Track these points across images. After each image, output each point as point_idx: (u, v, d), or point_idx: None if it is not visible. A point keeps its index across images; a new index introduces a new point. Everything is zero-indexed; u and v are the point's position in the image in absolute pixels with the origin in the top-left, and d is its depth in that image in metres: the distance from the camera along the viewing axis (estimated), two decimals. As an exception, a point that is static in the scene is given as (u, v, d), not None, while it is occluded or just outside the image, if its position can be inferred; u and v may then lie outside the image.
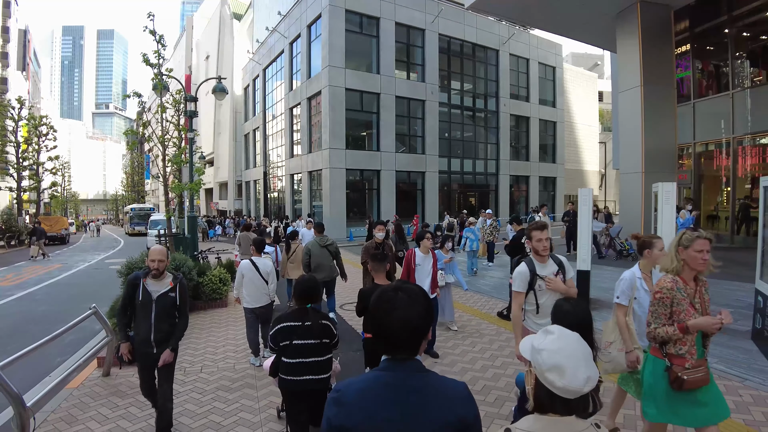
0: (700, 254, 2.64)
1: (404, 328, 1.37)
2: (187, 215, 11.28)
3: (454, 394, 1.38)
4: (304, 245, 7.71)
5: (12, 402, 3.32)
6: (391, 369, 1.39)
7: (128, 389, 4.95)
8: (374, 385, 1.37)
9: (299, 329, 3.10)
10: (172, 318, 3.73)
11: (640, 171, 15.17)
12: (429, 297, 1.49)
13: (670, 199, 6.51)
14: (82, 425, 4.13)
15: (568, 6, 16.29)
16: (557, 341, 1.38)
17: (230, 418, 4.23)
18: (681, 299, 2.65)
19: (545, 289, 3.51)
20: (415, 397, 1.34)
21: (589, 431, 1.38)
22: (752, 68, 15.97)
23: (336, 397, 1.38)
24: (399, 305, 1.38)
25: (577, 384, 1.30)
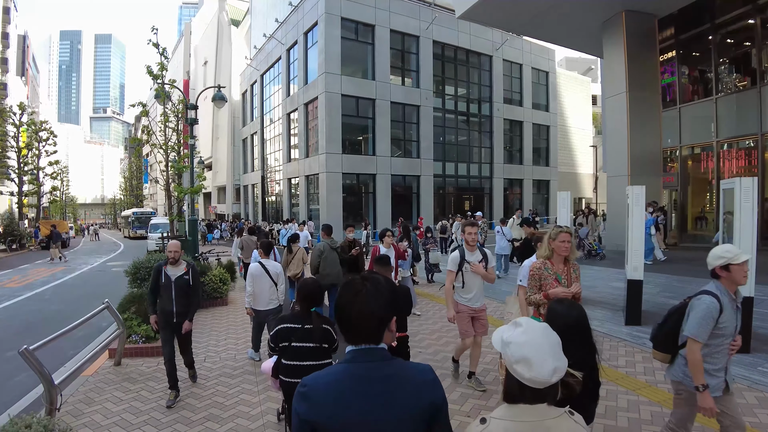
0: (563, 244, 3.62)
1: (368, 317, 1.38)
2: (187, 219, 11.73)
3: (421, 379, 1.40)
4: (315, 248, 7.48)
5: (43, 380, 3.79)
6: (358, 360, 1.39)
7: (138, 376, 5.42)
8: (342, 377, 1.37)
9: (299, 331, 3.08)
10: (188, 295, 4.84)
11: (626, 174, 15.67)
12: (395, 288, 1.55)
13: (640, 201, 7.02)
14: (100, 406, 4.61)
15: (556, 15, 16.79)
16: (524, 334, 1.42)
17: (232, 399, 4.71)
18: (547, 276, 3.64)
19: (470, 271, 4.60)
20: (384, 386, 1.35)
21: (562, 418, 1.43)
22: (735, 74, 16.46)
23: (304, 391, 1.37)
24: (364, 295, 1.40)
25: (545, 375, 1.36)
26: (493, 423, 1.41)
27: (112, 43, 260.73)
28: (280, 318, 3.24)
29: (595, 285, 9.93)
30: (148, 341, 6.31)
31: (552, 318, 2.20)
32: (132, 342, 6.22)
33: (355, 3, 24.89)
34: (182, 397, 4.76)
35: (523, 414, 1.41)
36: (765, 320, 6.74)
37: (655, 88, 16.57)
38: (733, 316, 2.73)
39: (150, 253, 10.29)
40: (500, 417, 1.42)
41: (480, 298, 4.79)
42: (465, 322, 4.71)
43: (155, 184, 56.47)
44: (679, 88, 18.14)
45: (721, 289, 2.73)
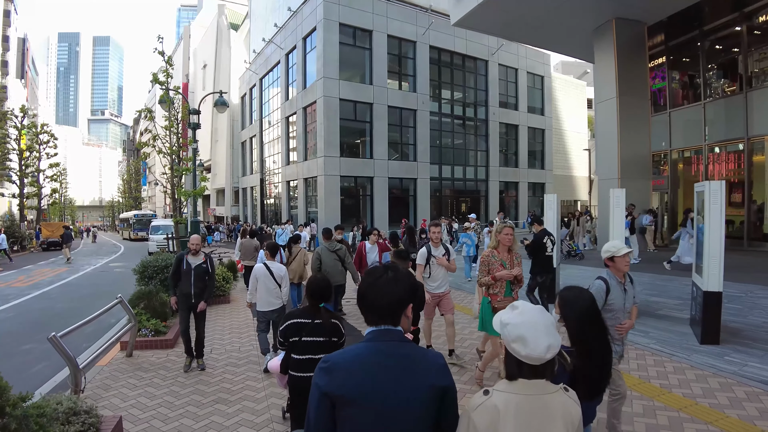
0: (506, 236, 4.74)
1: (389, 299, 1.54)
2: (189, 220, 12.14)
3: (434, 362, 1.54)
4: (315, 251, 7.72)
5: (69, 364, 4.19)
6: (378, 339, 1.53)
7: (149, 366, 5.82)
8: (363, 353, 1.50)
9: (309, 326, 3.14)
10: (204, 280, 5.78)
11: (617, 177, 16.10)
12: (413, 277, 1.69)
13: (620, 204, 7.44)
14: (116, 391, 5.01)
15: (548, 22, 17.24)
16: (520, 315, 1.55)
17: (238, 385, 5.12)
18: (494, 262, 4.70)
19: (435, 264, 5.58)
20: (402, 362, 1.48)
21: (558, 393, 1.55)
22: (722, 80, 16.89)
23: (326, 366, 1.48)
24: (386, 279, 1.57)
25: (539, 351, 1.47)
26: (495, 394, 1.52)
27: (110, 45, 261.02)
28: (289, 314, 3.29)
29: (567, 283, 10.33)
30: (157, 335, 6.71)
31: (564, 305, 2.35)
32: (142, 335, 6.61)
33: (352, 9, 25.36)
34: (192, 383, 5.17)
35: (523, 388, 1.51)
36: (736, 315, 7.18)
37: (645, 93, 17.00)
38: (621, 295, 3.50)
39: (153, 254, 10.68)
40: (501, 390, 1.53)
41: (444, 284, 5.72)
42: (430, 308, 5.70)
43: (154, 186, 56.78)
44: (670, 93, 18.60)
45: (610, 275, 3.52)
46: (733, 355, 5.53)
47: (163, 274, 8.36)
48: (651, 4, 15.45)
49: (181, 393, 4.92)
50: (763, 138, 14.92)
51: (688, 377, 4.94)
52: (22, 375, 5.73)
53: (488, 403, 1.49)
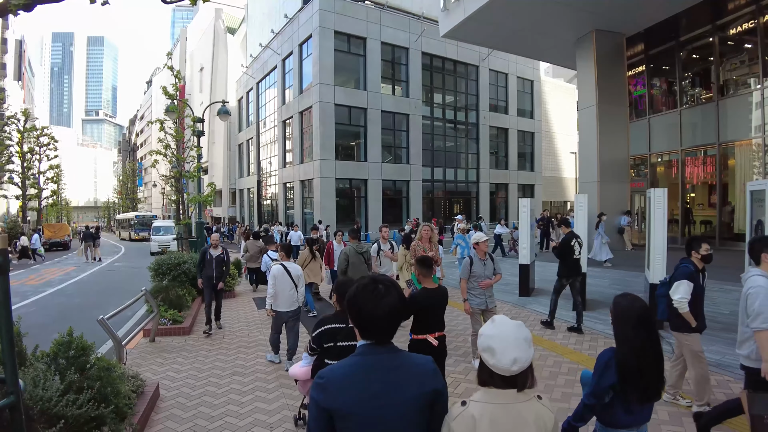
0: (425, 232, 6.92)
1: (390, 315, 1.58)
2: (194, 222, 13.08)
3: (425, 368, 1.61)
4: (342, 252, 7.59)
5: (114, 340, 5.11)
6: (370, 353, 1.59)
7: (171, 349, 6.73)
8: (357, 369, 1.55)
9: (344, 331, 3.08)
10: (221, 267, 7.78)
11: (596, 180, 17.09)
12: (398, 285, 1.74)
13: (584, 207, 8.38)
14: (146, 368, 5.91)
15: (532, 34, 18.22)
16: (494, 328, 1.63)
17: (250, 362, 6.05)
18: (419, 249, 6.75)
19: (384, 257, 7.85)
20: (394, 374, 1.54)
21: (530, 403, 1.61)
22: (697, 88, 17.79)
23: (321, 383, 1.53)
24: (383, 295, 1.59)
25: (505, 363, 1.54)
26: (472, 405, 1.59)
27: (104, 45, 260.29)
28: (323, 319, 3.24)
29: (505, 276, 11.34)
30: (175, 323, 7.61)
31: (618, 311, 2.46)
32: (162, 324, 7.49)
33: (347, 17, 26.29)
34: (210, 361, 6.10)
35: (497, 397, 1.59)
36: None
37: (623, 101, 17.99)
38: (482, 267, 5.61)
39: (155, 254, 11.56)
40: (477, 400, 1.61)
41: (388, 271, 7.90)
42: None
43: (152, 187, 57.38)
44: (649, 100, 19.54)
45: (474, 254, 5.70)
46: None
47: (177, 271, 9.27)
48: (628, 17, 16.43)
49: (203, 368, 5.83)
50: (734, 144, 15.81)
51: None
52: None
53: (465, 413, 1.57)
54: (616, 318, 2.45)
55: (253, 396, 4.92)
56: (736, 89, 15.80)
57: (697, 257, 4.37)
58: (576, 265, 7.31)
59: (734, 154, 16.02)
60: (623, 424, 2.42)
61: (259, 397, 4.90)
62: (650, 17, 16.40)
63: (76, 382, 3.24)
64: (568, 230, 7.68)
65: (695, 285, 4.19)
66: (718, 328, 6.79)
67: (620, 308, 2.44)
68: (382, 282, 1.63)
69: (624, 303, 2.45)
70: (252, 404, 4.71)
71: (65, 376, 3.22)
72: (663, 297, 4.44)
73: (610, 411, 2.42)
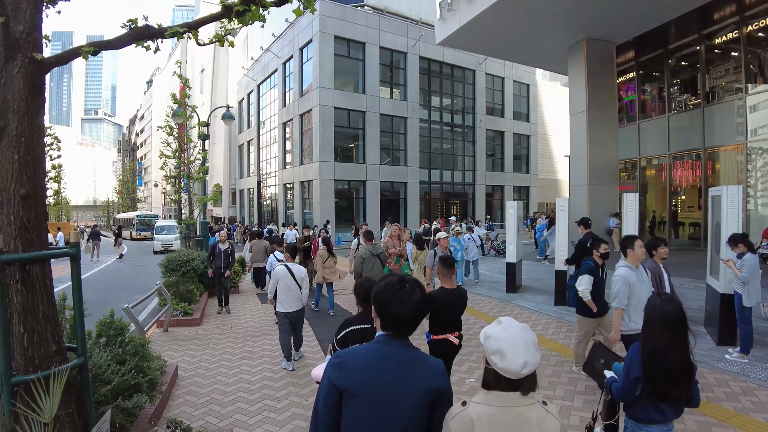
0: (394, 231, 8.37)
1: (415, 313, 1.69)
2: (200, 222, 13.72)
3: (435, 368, 1.69)
4: (357, 254, 7.71)
5: (137, 326, 5.73)
6: (388, 343, 1.69)
7: (184, 338, 7.34)
8: (373, 354, 1.67)
9: (369, 331, 3.06)
10: (228, 259, 9.27)
11: (585, 183, 17.70)
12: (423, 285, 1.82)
13: (564, 209, 8.99)
14: (163, 352, 6.47)
15: (526, 41, 18.81)
16: (502, 330, 1.61)
17: (257, 350, 6.66)
18: (390, 246, 8.16)
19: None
20: (407, 366, 1.64)
21: (533, 407, 1.59)
22: (684, 95, 18.43)
23: (338, 362, 1.65)
24: (410, 294, 1.69)
25: (516, 367, 1.52)
26: (472, 406, 1.58)
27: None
28: (348, 321, 3.25)
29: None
30: (186, 315, 8.23)
31: (651, 312, 2.48)
32: (174, 316, 8.10)
33: (347, 22, 26.92)
34: (221, 348, 6.72)
35: (499, 400, 1.58)
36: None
37: (613, 107, 18.58)
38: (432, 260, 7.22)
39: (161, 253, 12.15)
40: (478, 401, 1.60)
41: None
42: None
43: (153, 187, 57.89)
44: (639, 106, 20.20)
45: (438, 249, 7.09)
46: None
47: (186, 267, 9.89)
48: (618, 27, 17.00)
49: (214, 354, 6.46)
50: (718, 149, 16.45)
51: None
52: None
53: (464, 414, 1.57)
54: (646, 315, 2.48)
55: (262, 376, 5.54)
56: (721, 96, 16.38)
57: (597, 255, 5.27)
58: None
59: (719, 158, 16.61)
60: (653, 420, 2.47)
61: (267, 377, 5.53)
62: (639, 27, 16.97)
63: (119, 356, 3.86)
64: (587, 231, 7.44)
65: (595, 278, 5.06)
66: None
67: (651, 307, 2.48)
68: (408, 282, 1.73)
69: (655, 302, 2.48)
70: (261, 382, 5.34)
71: (110, 350, 3.85)
72: (571, 288, 5.31)
73: (641, 407, 2.50)
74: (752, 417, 4.11)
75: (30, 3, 2.72)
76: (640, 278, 4.41)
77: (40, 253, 2.75)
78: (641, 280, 4.41)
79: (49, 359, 2.71)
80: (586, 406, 4.42)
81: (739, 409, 4.27)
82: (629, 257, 4.41)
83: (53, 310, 2.87)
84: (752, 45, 14.71)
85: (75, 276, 2.96)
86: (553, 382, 5.10)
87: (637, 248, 4.39)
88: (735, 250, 5.87)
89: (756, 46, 14.72)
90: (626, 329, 4.34)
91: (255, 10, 3.01)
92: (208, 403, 4.80)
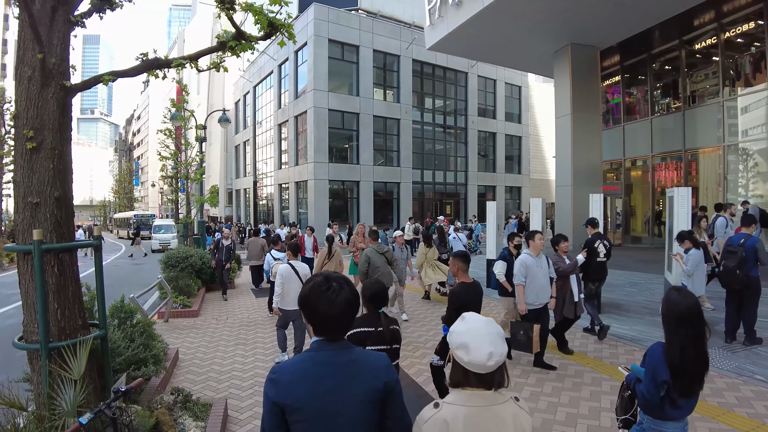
0: (360, 229, 10.52)
1: (344, 313, 1.60)
2: (197, 221, 14.33)
3: (378, 364, 1.64)
4: (363, 253, 7.47)
5: (142, 313, 6.31)
6: (323, 349, 1.61)
7: (183, 327, 7.95)
8: (309, 364, 1.58)
9: (372, 335, 3.01)
10: (230, 252, 10.66)
11: (570, 184, 18.31)
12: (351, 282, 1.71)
13: (538, 209, 9.64)
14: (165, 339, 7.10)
15: (513, 47, 19.43)
16: (465, 324, 1.60)
17: (250, 337, 7.29)
18: (357, 242, 10.02)
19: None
20: (346, 370, 1.57)
21: (507, 404, 1.57)
22: (666, 98, 19.00)
23: (273, 378, 1.56)
24: (337, 293, 1.60)
25: (481, 359, 1.50)
26: (445, 407, 1.54)
27: (100, 44, 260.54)
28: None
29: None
30: (185, 307, 8.83)
31: (667, 303, 2.45)
32: (173, 308, 8.71)
33: (341, 26, 27.54)
34: (218, 336, 7.33)
35: (472, 399, 1.54)
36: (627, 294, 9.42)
37: (597, 110, 19.20)
38: (399, 253, 8.34)
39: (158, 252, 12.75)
40: (451, 402, 1.55)
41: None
42: None
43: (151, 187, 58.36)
44: (624, 108, 20.80)
45: (396, 246, 8.43)
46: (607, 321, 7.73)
47: (184, 263, 10.50)
48: (601, 33, 17.59)
49: (211, 341, 7.07)
50: (698, 151, 17.05)
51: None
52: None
53: (437, 417, 1.52)
54: (666, 312, 2.44)
55: (254, 358, 6.18)
56: (700, 100, 16.93)
57: (512, 245, 6.38)
58: (599, 268, 7.06)
59: (699, 159, 17.18)
60: (671, 417, 2.46)
61: (259, 358, 6.15)
62: (621, 33, 17.55)
63: (130, 334, 4.48)
64: (594, 231, 7.34)
65: (509, 264, 6.03)
66: (645, 312, 8.07)
67: (672, 301, 2.43)
68: (335, 280, 1.64)
69: (675, 297, 2.44)
70: (253, 364, 5.97)
71: (123, 329, 4.47)
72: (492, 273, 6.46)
73: (659, 405, 2.46)
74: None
75: (60, 40, 3.32)
76: (539, 264, 5.48)
77: (71, 243, 3.36)
78: (539, 266, 5.48)
79: (76, 331, 3.31)
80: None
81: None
82: (531, 247, 5.54)
83: (79, 291, 3.48)
84: (729, 50, 15.26)
85: (98, 263, 3.58)
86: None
87: (536, 240, 5.52)
88: (682, 246, 6.52)
89: (732, 51, 15.27)
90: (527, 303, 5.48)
91: (244, 44, 3.63)
92: (206, 380, 5.42)
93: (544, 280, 5.51)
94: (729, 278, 6.12)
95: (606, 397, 4.65)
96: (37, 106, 3.18)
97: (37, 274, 3.02)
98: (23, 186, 3.16)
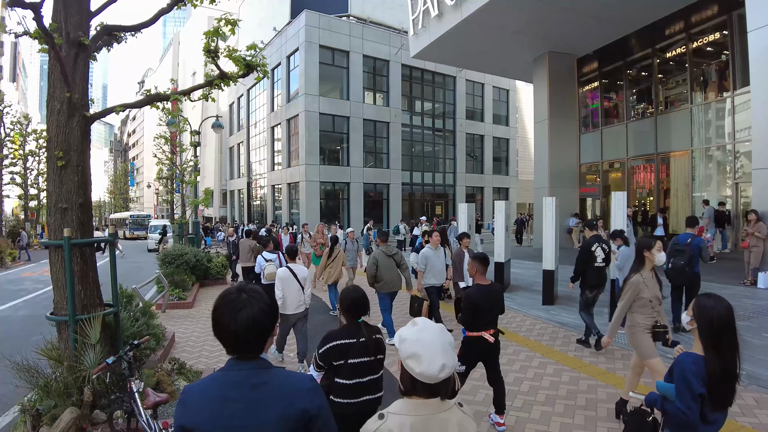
0: (319, 227, 11.96)
1: (251, 328, 1.43)
2: (191, 221, 15.25)
3: (297, 387, 1.46)
4: (371, 255, 7.25)
5: (143, 302, 7.20)
6: (235, 368, 1.46)
7: (179, 317, 8.85)
8: (216, 385, 1.45)
9: (355, 346, 2.85)
10: (236, 247, 11.64)
11: (547, 186, 19.23)
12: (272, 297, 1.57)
13: (501, 210, 10.51)
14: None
15: (493, 55, 20.36)
16: (418, 332, 1.54)
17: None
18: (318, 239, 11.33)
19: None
20: (256, 393, 1.41)
21: (452, 411, 1.55)
22: (641, 104, 19.84)
23: (182, 398, 1.45)
24: (243, 305, 1.44)
25: (433, 371, 1.45)
26: (390, 418, 1.51)
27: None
28: (330, 335, 2.93)
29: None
30: (180, 299, 9.73)
31: (700, 311, 2.28)
32: (170, 300, 9.60)
33: (332, 32, 28.47)
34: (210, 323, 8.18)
35: (418, 408, 1.51)
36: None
37: (574, 115, 20.14)
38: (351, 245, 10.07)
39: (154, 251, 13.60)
40: (396, 412, 1.53)
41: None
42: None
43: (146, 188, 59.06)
44: (602, 113, 21.67)
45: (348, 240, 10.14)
46: (555, 311, 8.63)
47: (180, 260, 11.39)
48: (578, 41, 18.44)
49: (204, 328, 7.98)
50: (669, 155, 17.91)
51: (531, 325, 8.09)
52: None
53: (383, 428, 1.50)
54: (706, 321, 2.26)
55: (241, 341, 7.05)
56: (671, 106, 17.75)
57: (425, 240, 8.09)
58: (595, 274, 6.65)
59: (669, 163, 18.02)
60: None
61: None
62: (597, 42, 18.38)
63: (134, 314, 5.40)
64: (592, 233, 7.05)
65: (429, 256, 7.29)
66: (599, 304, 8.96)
67: (708, 309, 2.27)
68: (246, 291, 1.50)
69: (711, 304, 2.28)
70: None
71: (127, 310, 5.39)
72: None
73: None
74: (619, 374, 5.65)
75: (81, 78, 4.23)
76: (437, 255, 7.21)
77: (91, 239, 4.28)
78: (438, 256, 7.21)
79: (95, 307, 4.22)
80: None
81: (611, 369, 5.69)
82: (431, 242, 7.35)
83: (97, 277, 4.39)
84: (697, 58, 16.02)
85: (112, 255, 4.48)
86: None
87: (434, 237, 7.37)
88: (615, 243, 7.46)
89: (700, 59, 16.02)
90: (425, 283, 7.15)
91: (226, 80, 4.56)
92: (198, 356, 6.35)
93: (440, 267, 7.25)
94: (677, 275, 6.82)
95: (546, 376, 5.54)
96: (65, 132, 4.09)
97: (67, 263, 3.93)
98: (55, 194, 4.07)
